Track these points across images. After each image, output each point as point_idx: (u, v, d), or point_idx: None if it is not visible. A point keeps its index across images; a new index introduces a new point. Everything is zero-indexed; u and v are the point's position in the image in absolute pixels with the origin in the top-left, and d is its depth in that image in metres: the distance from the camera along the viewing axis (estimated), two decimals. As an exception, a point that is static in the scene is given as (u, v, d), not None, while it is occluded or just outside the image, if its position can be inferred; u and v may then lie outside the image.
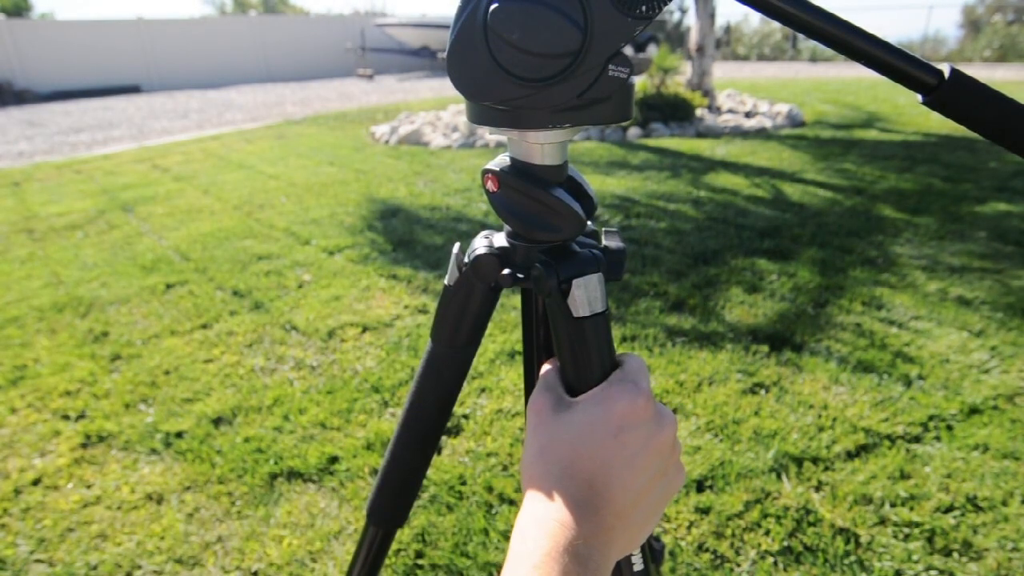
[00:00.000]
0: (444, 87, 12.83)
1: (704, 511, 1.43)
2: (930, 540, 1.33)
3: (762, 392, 1.86)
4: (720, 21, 20.80)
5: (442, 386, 0.49)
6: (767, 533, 1.36)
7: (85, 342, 2.34)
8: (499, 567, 1.30)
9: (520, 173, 0.42)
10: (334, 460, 1.64)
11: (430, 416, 0.49)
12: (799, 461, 1.56)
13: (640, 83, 6.65)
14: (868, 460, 1.56)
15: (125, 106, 11.94)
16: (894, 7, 35.65)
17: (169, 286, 2.82)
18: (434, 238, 3.27)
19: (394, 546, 1.36)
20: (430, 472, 1.57)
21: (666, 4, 0.34)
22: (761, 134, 6.04)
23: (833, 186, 4.06)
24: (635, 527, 0.35)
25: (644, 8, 0.34)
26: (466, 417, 1.79)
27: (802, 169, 4.54)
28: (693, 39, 7.24)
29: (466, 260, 0.45)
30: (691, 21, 7.54)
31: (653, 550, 0.59)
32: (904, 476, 1.50)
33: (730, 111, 7.01)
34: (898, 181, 4.12)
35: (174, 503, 1.53)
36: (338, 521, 1.45)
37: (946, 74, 0.30)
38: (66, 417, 1.89)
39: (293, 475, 1.59)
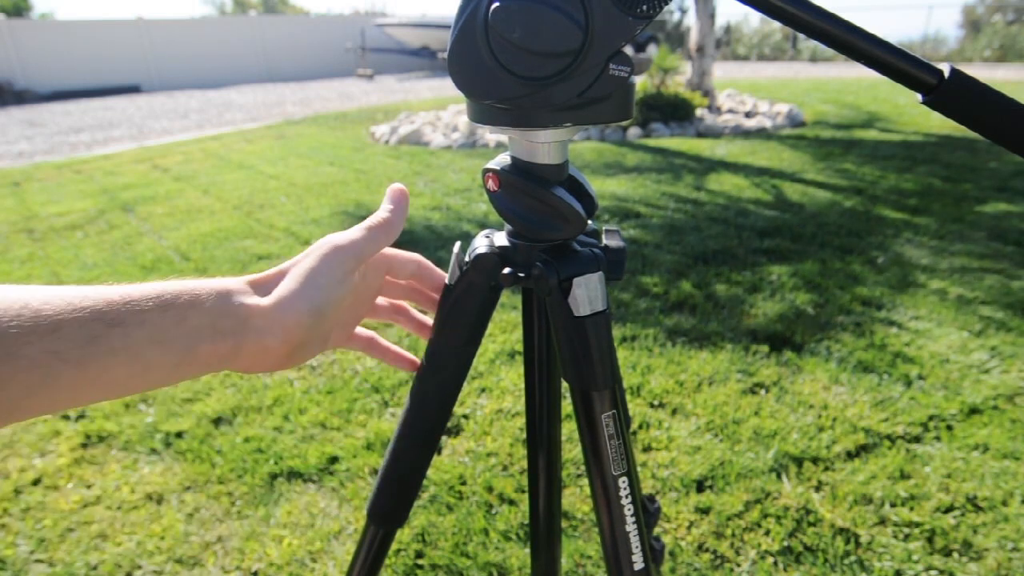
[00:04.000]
0: (444, 87, 12.83)
1: (704, 511, 1.43)
2: (930, 540, 1.33)
3: (762, 392, 1.86)
4: (720, 21, 20.80)
5: (442, 386, 0.49)
6: (767, 533, 1.36)
7: (85, 342, 2.34)
8: (499, 567, 1.30)
9: (521, 172, 0.42)
10: (334, 460, 1.64)
11: (430, 416, 0.50)
12: (799, 461, 1.57)
13: (640, 83, 6.65)
14: (868, 460, 1.56)
15: (125, 106, 11.94)
16: (894, 7, 35.66)
17: (169, 286, 2.82)
18: (434, 238, 3.27)
19: (394, 546, 1.36)
20: (430, 472, 1.57)
21: (666, 4, 0.34)
22: (761, 134, 6.04)
23: (833, 186, 4.06)
24: None
25: (645, 7, 0.34)
26: (466, 417, 1.79)
27: (802, 169, 4.55)
28: (693, 39, 7.24)
29: (467, 259, 0.45)
30: (691, 21, 7.54)
31: (653, 550, 0.59)
32: (904, 476, 1.50)
33: (730, 111, 7.01)
34: (898, 181, 4.12)
35: (174, 503, 1.53)
36: (338, 521, 1.45)
37: (946, 74, 0.30)
38: (66, 417, 1.89)
39: (293, 475, 1.60)
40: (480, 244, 0.45)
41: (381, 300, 0.48)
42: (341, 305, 0.38)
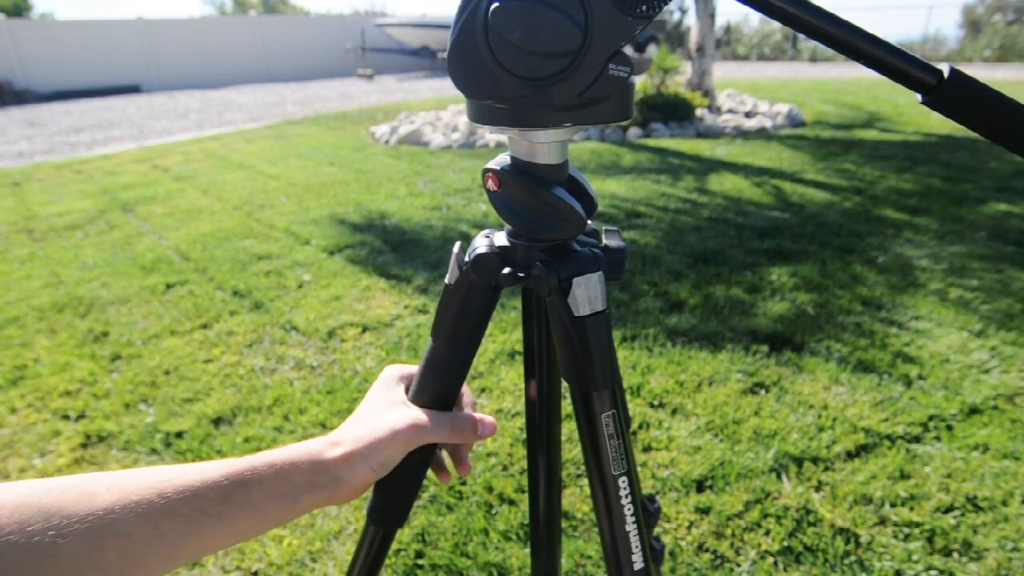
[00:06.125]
0: (444, 87, 12.83)
1: (704, 511, 1.43)
2: (930, 540, 1.33)
3: (762, 392, 1.86)
4: (720, 21, 20.79)
5: (442, 385, 0.49)
6: (767, 533, 1.36)
7: (85, 342, 2.34)
8: (499, 567, 1.30)
9: (521, 172, 0.42)
10: (334, 460, 1.64)
11: (430, 416, 0.49)
12: (799, 461, 1.57)
13: (640, 83, 6.65)
14: (868, 460, 1.56)
15: (125, 106, 11.94)
16: (894, 7, 35.65)
17: (169, 286, 2.82)
18: (434, 238, 3.27)
19: (394, 546, 1.36)
20: (430, 472, 1.57)
21: (666, 4, 0.34)
22: (761, 134, 6.05)
23: (833, 186, 4.06)
24: None
25: (644, 8, 0.34)
26: (466, 417, 1.79)
27: (802, 169, 4.55)
28: (693, 39, 7.24)
29: (467, 259, 0.45)
30: (691, 21, 7.54)
31: (653, 550, 0.59)
32: (904, 476, 1.50)
33: (730, 111, 7.01)
34: (898, 181, 4.12)
35: (174, 503, 1.53)
36: (338, 521, 1.45)
37: (946, 74, 0.30)
38: (66, 417, 1.89)
39: (293, 475, 1.59)
40: (480, 244, 0.45)
41: None
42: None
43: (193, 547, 0.36)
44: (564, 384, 0.48)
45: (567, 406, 1.44)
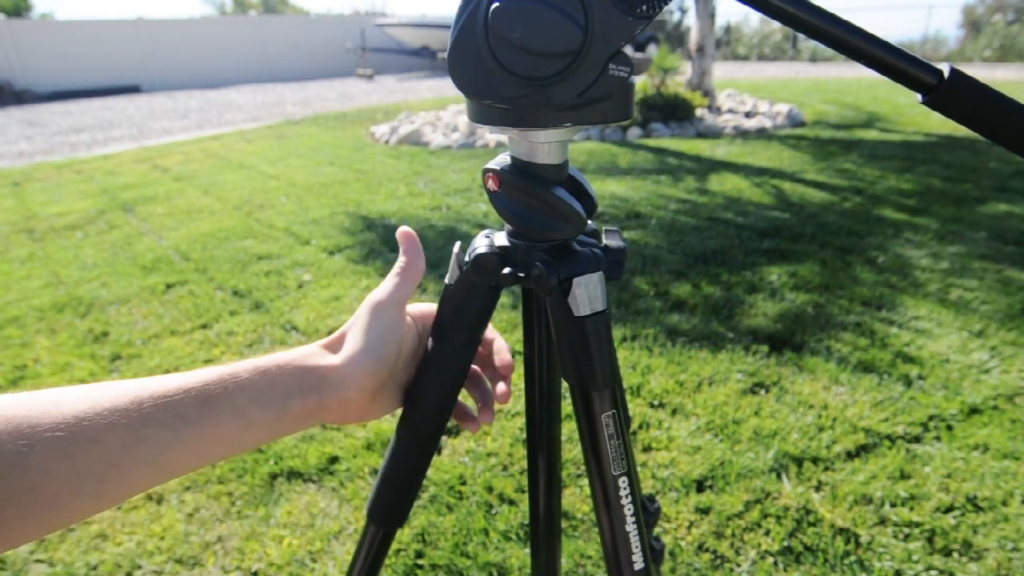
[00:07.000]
0: (444, 87, 12.82)
1: (704, 511, 1.43)
2: (930, 540, 1.33)
3: (762, 392, 1.86)
4: (720, 21, 20.79)
5: (442, 385, 0.49)
6: (767, 533, 1.36)
7: (85, 342, 2.34)
8: (499, 567, 1.30)
9: (521, 172, 0.42)
10: (334, 460, 1.64)
11: (430, 415, 0.49)
12: (799, 461, 1.57)
13: (640, 83, 6.65)
14: (868, 460, 1.56)
15: (125, 106, 11.94)
16: (894, 7, 35.63)
17: (169, 286, 2.82)
18: (434, 238, 3.27)
19: (394, 546, 1.36)
20: (430, 472, 1.57)
21: (666, 4, 0.34)
22: (761, 134, 6.04)
23: (833, 186, 4.06)
24: None
25: (644, 8, 0.34)
26: (466, 417, 1.79)
27: (802, 169, 4.55)
28: (693, 39, 7.24)
29: (467, 259, 0.45)
30: (691, 21, 7.54)
31: (653, 550, 0.59)
32: (904, 476, 1.50)
33: (730, 111, 7.01)
34: (898, 181, 4.12)
35: (174, 503, 1.53)
36: (338, 521, 1.45)
37: (946, 74, 0.30)
38: (66, 417, 1.88)
39: (293, 475, 1.60)
40: (480, 244, 0.45)
41: None
42: (402, 350, 0.44)
43: (175, 455, 0.34)
44: (564, 384, 0.48)
45: (567, 406, 1.44)
